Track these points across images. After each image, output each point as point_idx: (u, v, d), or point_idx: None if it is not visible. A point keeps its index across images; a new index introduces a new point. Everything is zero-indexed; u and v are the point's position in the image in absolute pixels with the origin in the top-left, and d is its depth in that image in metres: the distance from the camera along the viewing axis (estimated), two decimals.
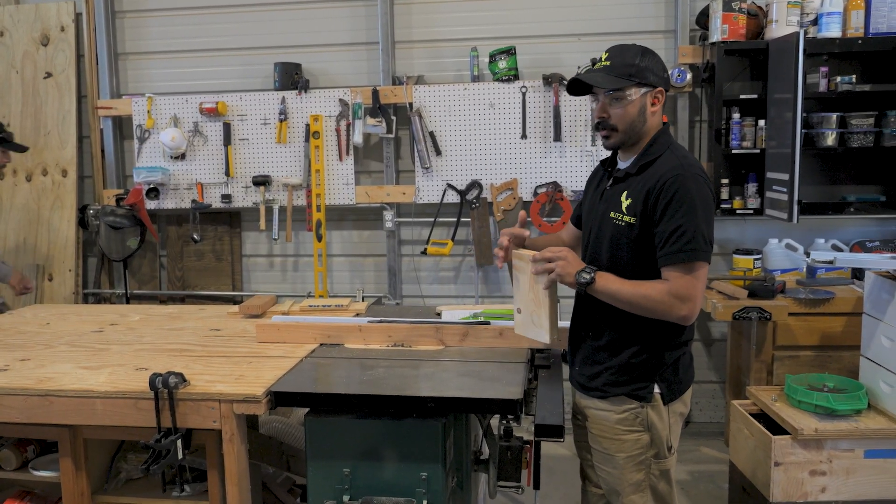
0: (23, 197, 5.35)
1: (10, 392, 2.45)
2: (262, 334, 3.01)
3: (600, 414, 2.43)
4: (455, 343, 2.88)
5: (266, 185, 5.06)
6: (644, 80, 2.27)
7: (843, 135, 4.40)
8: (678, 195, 2.18)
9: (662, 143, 2.33)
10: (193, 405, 2.36)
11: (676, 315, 2.19)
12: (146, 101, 5.13)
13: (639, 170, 2.31)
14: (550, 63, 4.89)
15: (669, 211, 2.18)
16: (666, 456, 2.43)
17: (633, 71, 2.26)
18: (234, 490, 2.39)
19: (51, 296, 5.31)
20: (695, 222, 2.16)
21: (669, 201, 2.18)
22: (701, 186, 2.21)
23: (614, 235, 2.33)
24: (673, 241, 2.17)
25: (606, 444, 2.44)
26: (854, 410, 3.31)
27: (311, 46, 5.13)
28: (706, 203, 2.21)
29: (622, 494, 2.44)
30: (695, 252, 2.16)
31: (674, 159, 2.26)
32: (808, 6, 4.41)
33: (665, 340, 2.35)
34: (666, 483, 2.46)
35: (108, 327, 3.35)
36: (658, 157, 2.29)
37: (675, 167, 2.23)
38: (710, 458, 4.55)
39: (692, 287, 2.17)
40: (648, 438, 2.40)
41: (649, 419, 2.38)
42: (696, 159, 2.35)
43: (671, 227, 2.17)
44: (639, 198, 2.26)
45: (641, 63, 2.27)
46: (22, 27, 5.30)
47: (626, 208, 2.29)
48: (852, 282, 4.31)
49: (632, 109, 2.29)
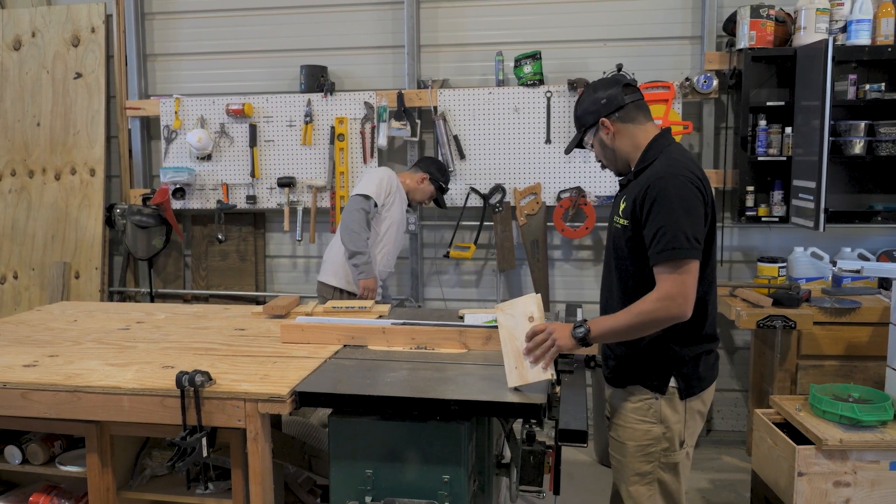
0: (51, 195, 5.42)
1: (38, 387, 2.48)
2: (287, 335, 3.03)
3: (617, 403, 2.54)
4: (478, 347, 2.89)
5: (290, 186, 5.10)
6: (584, 125, 2.55)
7: (872, 143, 4.37)
8: (659, 197, 2.27)
9: (656, 149, 2.43)
10: (219, 404, 2.37)
11: (671, 315, 2.26)
12: (174, 102, 5.18)
13: (635, 175, 2.45)
14: (576, 68, 4.89)
15: (652, 213, 2.28)
16: (676, 450, 2.46)
17: (578, 124, 2.59)
18: (257, 489, 2.41)
19: (77, 293, 5.37)
20: (675, 221, 2.24)
21: (652, 204, 2.28)
22: (682, 185, 2.29)
23: (616, 239, 2.47)
24: (657, 241, 2.26)
25: (619, 431, 2.51)
26: (880, 421, 3.27)
27: (337, 49, 5.16)
28: (687, 201, 2.28)
29: (627, 483, 2.50)
30: (677, 250, 2.23)
31: (663, 163, 2.36)
32: (837, 13, 4.38)
33: (680, 336, 2.39)
34: (674, 477, 2.48)
35: (135, 325, 3.38)
36: (651, 162, 2.40)
37: (660, 170, 2.33)
38: (732, 467, 4.52)
39: (680, 284, 2.24)
40: (660, 431, 2.44)
41: (663, 412, 2.44)
42: (689, 160, 2.42)
43: (654, 228, 2.27)
44: (631, 201, 2.38)
45: (578, 111, 2.57)
46: (53, 28, 5.38)
47: (622, 212, 2.42)
48: (879, 291, 4.27)
49: (597, 148, 2.58)
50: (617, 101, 2.46)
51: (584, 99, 2.54)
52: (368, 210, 4.04)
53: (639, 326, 2.30)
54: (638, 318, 2.28)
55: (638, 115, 2.49)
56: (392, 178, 4.21)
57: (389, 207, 4.16)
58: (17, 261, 5.49)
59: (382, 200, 4.10)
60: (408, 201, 4.34)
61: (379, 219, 4.14)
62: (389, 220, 4.18)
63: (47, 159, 5.42)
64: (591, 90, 2.53)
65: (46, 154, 5.42)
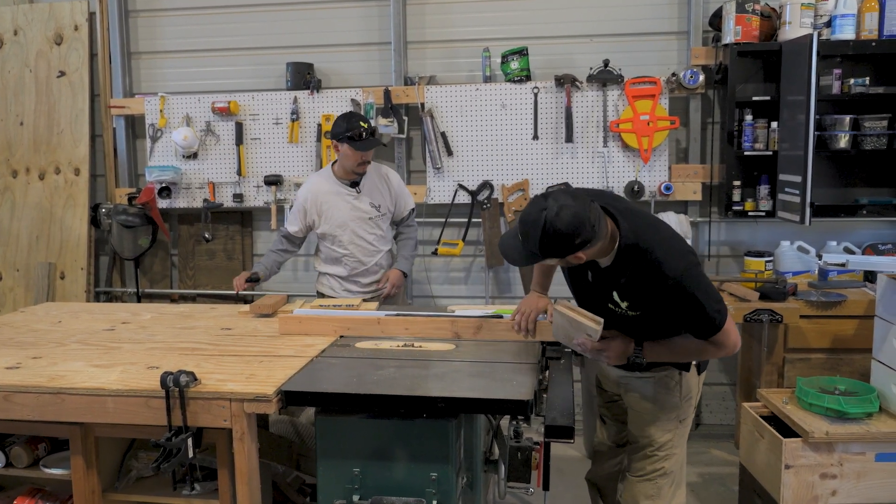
0: (36, 195, 5.38)
1: (22, 390, 2.47)
2: (285, 326, 3.11)
3: (642, 381, 2.71)
4: (469, 335, 2.95)
5: (278, 184, 5.08)
6: (549, 256, 2.29)
7: (857, 137, 4.38)
8: (681, 299, 2.32)
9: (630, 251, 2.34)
10: (204, 404, 2.36)
11: (726, 354, 2.49)
12: (159, 101, 5.15)
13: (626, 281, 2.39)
14: (563, 64, 4.88)
15: (682, 310, 2.36)
16: (689, 416, 2.75)
17: (537, 255, 2.27)
18: (244, 489, 2.40)
19: (63, 294, 5.34)
20: (705, 308, 2.34)
21: (676, 304, 2.34)
22: (692, 275, 2.32)
23: (618, 320, 2.51)
24: (697, 325, 2.40)
25: (645, 405, 2.72)
26: (865, 413, 3.29)
27: (323, 46, 5.14)
28: (705, 285, 2.36)
29: (652, 449, 2.72)
30: (718, 324, 2.38)
31: (655, 270, 2.32)
32: (821, 8, 4.39)
33: None
34: (684, 442, 2.78)
35: (120, 326, 3.36)
36: (637, 265, 2.34)
37: (663, 279, 2.31)
38: (721, 461, 4.54)
39: (729, 338, 2.43)
40: (682, 402, 2.70)
41: (684, 384, 2.68)
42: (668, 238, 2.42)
43: (688, 318, 2.39)
44: (637, 300, 2.40)
45: (543, 247, 2.23)
46: (36, 26, 5.33)
47: (625, 307, 2.44)
48: (864, 284, 4.29)
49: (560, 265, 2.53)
50: (589, 236, 2.22)
51: (550, 234, 2.20)
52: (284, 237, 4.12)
53: (690, 358, 2.60)
54: (694, 354, 2.55)
55: (601, 229, 2.27)
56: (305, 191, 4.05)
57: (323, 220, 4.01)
58: (2, 262, 5.44)
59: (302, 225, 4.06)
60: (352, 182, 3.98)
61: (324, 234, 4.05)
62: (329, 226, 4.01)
63: (31, 159, 5.37)
64: (554, 224, 2.19)
65: (30, 153, 5.38)
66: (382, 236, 4.09)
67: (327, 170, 4.07)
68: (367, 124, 3.83)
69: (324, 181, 4.04)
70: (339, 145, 3.85)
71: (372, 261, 4.06)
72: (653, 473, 2.72)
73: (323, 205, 4.00)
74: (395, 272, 4.06)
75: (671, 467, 2.73)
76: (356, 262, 4.04)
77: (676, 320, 2.44)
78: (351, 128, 3.78)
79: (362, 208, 4.00)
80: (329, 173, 4.04)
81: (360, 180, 4.01)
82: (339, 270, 4.07)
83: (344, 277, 4.07)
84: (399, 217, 4.16)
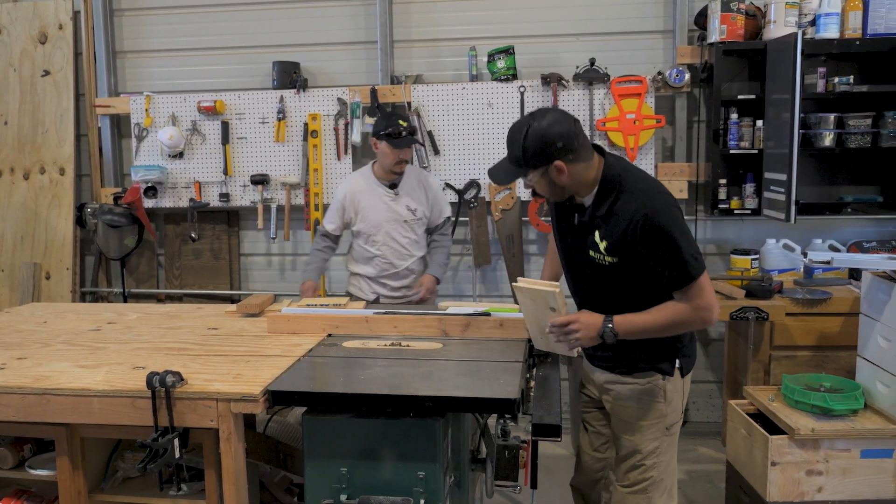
0: (20, 195, 5.35)
1: (6, 391, 2.45)
2: (273, 325, 3.11)
3: (626, 387, 2.63)
4: (457, 334, 2.97)
5: (264, 183, 5.06)
6: (532, 166, 2.38)
7: (841, 135, 4.41)
8: (656, 234, 2.33)
9: (612, 183, 2.41)
10: (191, 404, 2.35)
11: (705, 322, 2.41)
12: (144, 100, 5.12)
13: (605, 213, 2.42)
14: (549, 63, 4.89)
15: (654, 249, 2.34)
16: (677, 421, 2.68)
17: (520, 161, 2.39)
18: (231, 489, 2.39)
19: (48, 294, 5.30)
20: (680, 252, 2.33)
21: (651, 241, 2.33)
22: (668, 213, 2.36)
23: (598, 272, 2.50)
24: (671, 271, 2.35)
25: (631, 412, 2.64)
26: (850, 410, 3.32)
27: (309, 45, 5.13)
28: (680, 226, 2.37)
29: (639, 457, 2.64)
30: (692, 272, 2.34)
31: (633, 199, 2.37)
32: (806, 7, 4.42)
33: None
34: (673, 448, 2.71)
35: (106, 326, 3.34)
36: (617, 196, 2.40)
37: (638, 208, 2.34)
38: (708, 458, 4.56)
39: (706, 296, 2.37)
40: (668, 409, 2.62)
41: (669, 391, 2.60)
42: (650, 179, 2.48)
43: (662, 262, 2.35)
44: (615, 240, 2.40)
45: (527, 151, 2.35)
46: (20, 25, 5.29)
47: (604, 249, 2.44)
48: (849, 282, 4.32)
49: (541, 185, 2.46)
50: (571, 144, 2.35)
51: (532, 137, 2.34)
52: (325, 236, 4.08)
53: (668, 330, 2.44)
54: (670, 324, 2.40)
55: (586, 152, 2.41)
56: (341, 195, 4.03)
57: (359, 219, 3.99)
58: None
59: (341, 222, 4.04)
60: (391, 183, 3.96)
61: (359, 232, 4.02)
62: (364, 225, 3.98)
63: (15, 158, 5.34)
64: (540, 127, 2.34)
65: (14, 153, 5.34)
66: (416, 241, 4.03)
67: (367, 169, 4.04)
68: (406, 123, 3.84)
69: (362, 180, 4.01)
70: (377, 143, 3.87)
71: (403, 264, 3.99)
72: (642, 483, 2.66)
73: (360, 203, 3.96)
74: (430, 277, 3.99)
75: (659, 475, 2.66)
76: (387, 263, 3.98)
77: (652, 267, 2.36)
78: (389, 125, 3.82)
79: (399, 210, 3.96)
80: (369, 172, 4.01)
81: (399, 182, 3.97)
82: (368, 270, 4.00)
83: (372, 278, 4.00)
84: (434, 224, 4.09)
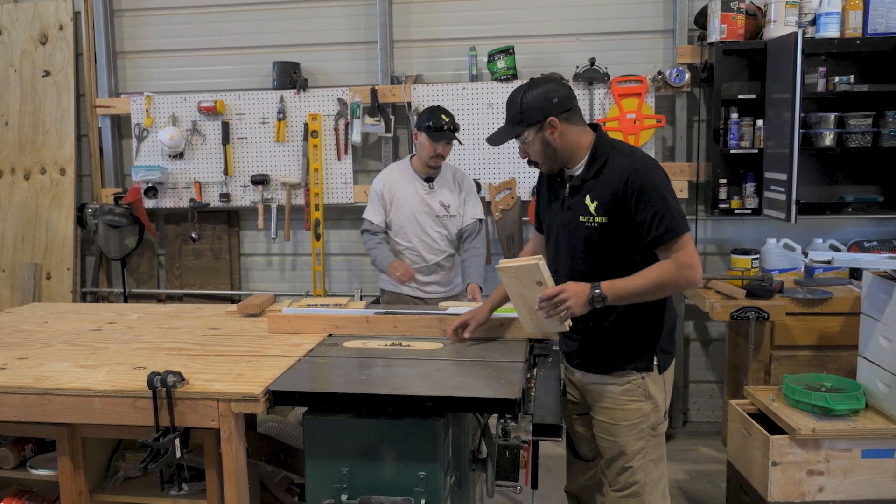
0: (21, 195, 5.35)
1: (8, 391, 2.45)
2: (274, 325, 3.11)
3: (605, 388, 2.64)
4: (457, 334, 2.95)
5: (264, 184, 5.06)
6: (528, 122, 2.52)
7: (841, 135, 4.41)
8: (644, 186, 2.41)
9: (605, 147, 2.54)
10: (192, 404, 2.35)
11: (689, 282, 2.44)
12: (144, 100, 5.13)
13: (595, 174, 2.52)
14: (549, 62, 4.89)
15: (643, 202, 2.41)
16: (661, 421, 2.66)
17: (518, 118, 2.54)
18: (232, 489, 2.39)
19: (49, 294, 5.31)
20: (666, 205, 2.41)
21: (639, 195, 2.41)
22: (657, 172, 2.47)
23: (589, 236, 2.53)
24: (656, 225, 2.41)
25: (611, 414, 2.63)
26: (851, 410, 3.31)
27: (309, 45, 5.13)
28: (667, 184, 2.47)
29: (625, 459, 2.62)
30: (677, 228, 2.41)
31: (624, 157, 2.49)
32: (806, 6, 4.42)
33: (657, 312, 2.59)
34: (660, 446, 2.68)
35: (107, 326, 3.35)
36: (607, 159, 2.51)
37: (629, 164, 2.46)
38: (708, 458, 4.56)
39: (690, 254, 2.43)
40: (650, 407, 2.61)
41: (648, 389, 2.60)
42: (640, 150, 2.61)
43: (649, 215, 2.41)
44: (605, 199, 2.47)
45: (524, 105, 2.52)
46: (20, 26, 5.30)
47: (594, 210, 2.50)
48: (850, 282, 4.32)
49: (535, 147, 2.56)
50: (567, 103, 2.50)
51: (529, 94, 2.52)
52: (374, 233, 4.04)
53: (655, 292, 2.45)
54: (657, 285, 2.42)
55: (579, 119, 2.57)
56: (379, 181, 4.08)
57: (393, 210, 4.02)
58: None
59: (383, 212, 4.04)
60: (426, 175, 4.02)
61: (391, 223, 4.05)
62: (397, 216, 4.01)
63: (16, 159, 5.34)
64: (537, 87, 2.53)
65: (15, 154, 5.35)
66: (448, 238, 4.07)
67: (405, 161, 4.11)
68: (449, 118, 3.90)
69: (399, 171, 4.08)
70: (418, 134, 3.94)
71: (434, 259, 4.03)
72: (633, 486, 2.64)
73: (395, 193, 4.01)
74: (474, 286, 3.95)
75: (648, 477, 2.64)
76: (417, 256, 4.02)
77: (638, 224, 2.42)
78: (431, 118, 3.89)
79: (432, 205, 4.01)
80: (406, 164, 4.08)
81: (436, 176, 4.03)
82: None
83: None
84: (465, 224, 4.09)
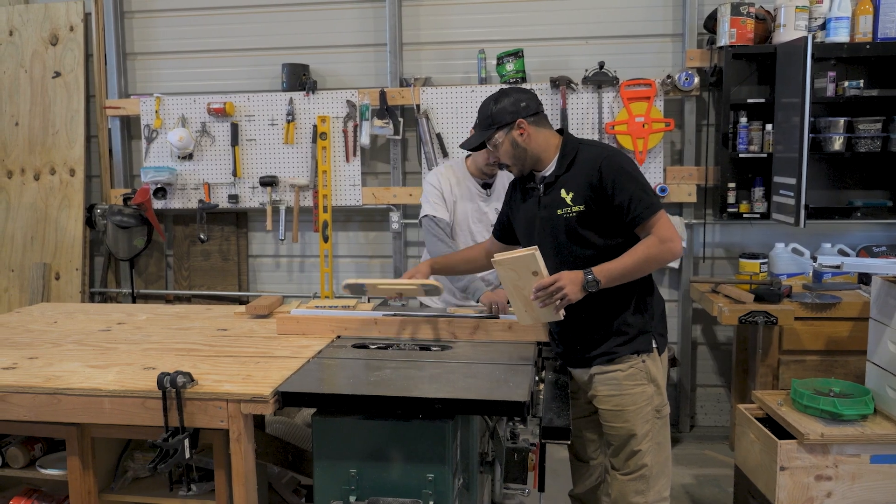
0: (31, 196, 5.37)
1: (18, 390, 2.46)
2: (283, 327, 3.13)
3: (608, 375, 2.71)
4: (465, 336, 2.98)
5: (273, 185, 5.08)
6: (499, 124, 2.68)
7: (851, 139, 4.40)
8: (617, 171, 2.58)
9: (573, 144, 2.72)
10: (201, 405, 2.36)
11: (673, 254, 2.57)
12: (154, 101, 5.15)
13: (566, 169, 2.67)
14: (558, 66, 4.89)
15: (618, 186, 2.56)
16: (664, 404, 2.77)
17: (489, 122, 2.70)
18: (240, 490, 2.39)
19: (58, 294, 5.33)
20: (639, 185, 2.58)
21: (613, 179, 2.57)
22: (626, 158, 2.66)
23: (569, 226, 2.65)
24: (634, 205, 2.55)
25: (618, 400, 2.70)
26: (860, 415, 3.30)
27: (318, 48, 5.14)
28: (636, 168, 2.66)
29: (635, 442, 2.69)
30: (653, 205, 2.57)
31: (594, 149, 2.69)
32: (816, 11, 4.41)
33: (646, 292, 2.72)
34: (665, 428, 2.78)
35: (116, 326, 3.36)
36: (576, 153, 2.68)
37: (599, 153, 2.65)
38: (716, 462, 4.55)
39: (668, 227, 2.56)
40: (652, 390, 2.70)
41: (650, 371, 2.70)
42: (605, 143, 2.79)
43: (626, 197, 2.56)
44: (580, 188, 2.62)
45: (494, 109, 2.69)
46: (31, 27, 5.32)
47: (571, 200, 2.64)
48: (859, 287, 4.30)
49: (505, 148, 2.71)
50: (534, 107, 2.70)
51: (498, 100, 2.70)
52: (442, 228, 3.63)
53: (643, 268, 2.58)
54: (644, 261, 2.54)
55: (547, 123, 2.76)
56: (437, 177, 3.69)
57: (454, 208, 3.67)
58: None
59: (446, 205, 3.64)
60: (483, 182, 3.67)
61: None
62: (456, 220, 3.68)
63: (26, 159, 5.37)
64: (507, 95, 2.71)
65: (25, 154, 5.37)
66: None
67: (459, 161, 3.75)
68: None
69: (454, 170, 3.69)
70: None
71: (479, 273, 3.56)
72: (642, 469, 2.70)
73: (456, 195, 3.65)
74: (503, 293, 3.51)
75: (654, 460, 2.72)
76: None
77: (616, 207, 2.56)
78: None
79: (488, 213, 3.66)
80: (461, 164, 3.71)
81: (493, 183, 3.68)
82: None
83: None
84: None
